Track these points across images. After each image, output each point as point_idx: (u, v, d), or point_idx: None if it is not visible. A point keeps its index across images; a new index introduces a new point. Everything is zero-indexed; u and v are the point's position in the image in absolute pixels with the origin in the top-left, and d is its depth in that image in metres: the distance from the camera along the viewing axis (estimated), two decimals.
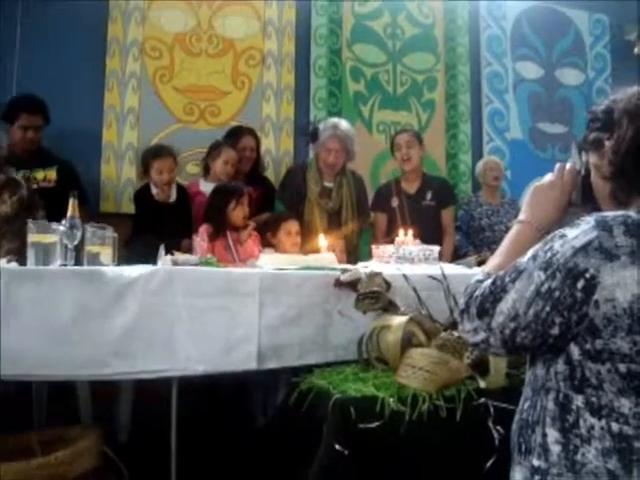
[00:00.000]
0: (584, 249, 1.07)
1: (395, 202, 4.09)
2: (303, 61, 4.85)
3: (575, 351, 1.10)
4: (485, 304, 1.17)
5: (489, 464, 1.86)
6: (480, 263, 3.03)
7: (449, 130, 5.29)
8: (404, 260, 2.87)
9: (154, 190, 3.76)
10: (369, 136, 4.93)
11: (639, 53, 5.81)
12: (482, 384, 2.05)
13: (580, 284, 1.06)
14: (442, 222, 4.23)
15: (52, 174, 3.68)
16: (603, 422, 1.07)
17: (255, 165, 4.20)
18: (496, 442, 1.90)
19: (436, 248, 3.00)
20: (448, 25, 5.36)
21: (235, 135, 4.15)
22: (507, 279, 1.16)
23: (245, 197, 3.46)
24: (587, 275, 1.06)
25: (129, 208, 4.08)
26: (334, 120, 4.02)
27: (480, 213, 4.67)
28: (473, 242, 4.60)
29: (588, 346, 1.08)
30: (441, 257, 3.44)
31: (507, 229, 4.28)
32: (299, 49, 4.85)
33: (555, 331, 1.10)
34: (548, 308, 1.09)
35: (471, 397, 2.00)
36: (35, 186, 3.52)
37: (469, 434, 1.94)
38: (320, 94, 4.86)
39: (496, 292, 1.16)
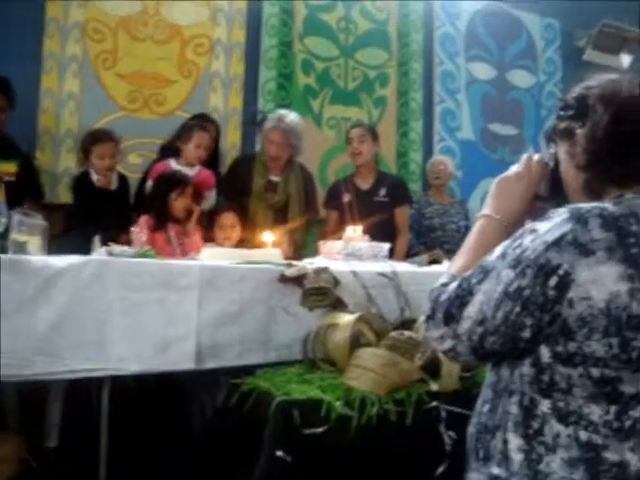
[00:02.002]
0: (557, 243, 0.99)
1: (346, 198, 4.00)
2: (253, 51, 4.71)
3: (545, 353, 1.02)
4: (451, 309, 1.09)
5: (440, 471, 1.82)
6: (432, 262, 2.97)
7: (400, 128, 5.22)
8: (353, 257, 2.78)
9: (94, 177, 3.59)
10: (319, 131, 4.83)
11: (588, 59, 5.87)
12: (434, 387, 1.99)
13: (553, 281, 0.98)
14: (396, 221, 4.17)
15: (12, 168, 3.39)
16: (570, 429, 1.00)
17: (211, 158, 4.00)
18: (448, 447, 1.85)
19: (386, 245, 2.93)
20: (402, 21, 5.29)
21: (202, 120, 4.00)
22: (473, 280, 1.08)
23: (189, 188, 3.32)
24: (560, 271, 0.98)
25: (67, 199, 3.87)
26: (281, 112, 3.93)
27: (431, 212, 4.66)
28: (424, 241, 4.58)
29: (560, 348, 1.00)
30: (394, 256, 3.37)
31: (458, 229, 4.33)
32: (249, 39, 4.70)
33: (526, 333, 1.02)
34: (518, 309, 1.01)
35: (422, 400, 1.95)
36: None
37: (420, 439, 1.88)
38: (270, 86, 4.73)
39: (462, 295, 1.08)
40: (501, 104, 5.70)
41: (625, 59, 6.00)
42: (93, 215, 3.42)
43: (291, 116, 3.86)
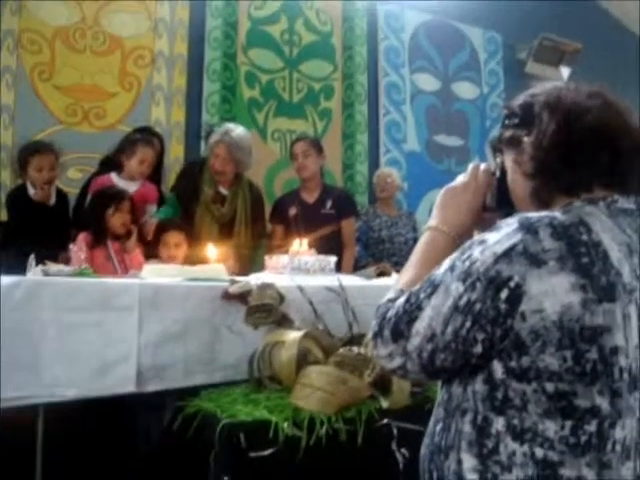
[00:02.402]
0: (507, 255, 0.96)
1: (293, 211, 3.94)
2: (196, 64, 4.64)
3: (498, 369, 0.99)
4: (399, 325, 1.04)
5: None
6: (380, 274, 2.94)
7: (346, 140, 5.21)
8: (299, 271, 2.72)
9: (31, 191, 3.45)
10: (263, 144, 4.77)
11: (529, 72, 5.98)
12: (384, 404, 1.96)
13: (504, 294, 0.95)
14: (342, 233, 4.13)
15: None
16: (526, 447, 0.97)
17: (154, 172, 3.89)
18: (400, 466, 1.83)
19: (333, 258, 2.88)
20: (346, 34, 5.30)
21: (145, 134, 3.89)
22: (422, 295, 1.03)
23: (125, 203, 3.22)
24: (511, 284, 0.94)
25: (2, 216, 3.72)
26: (228, 126, 3.86)
27: (379, 224, 4.65)
28: (373, 253, 4.58)
29: (513, 364, 0.97)
30: (341, 269, 3.33)
31: (406, 241, 4.33)
32: (192, 51, 4.63)
33: (478, 349, 0.98)
34: (468, 324, 0.97)
35: (373, 418, 1.90)
36: None
37: (372, 458, 1.85)
38: (213, 99, 4.66)
39: (410, 311, 1.04)
40: (446, 115, 5.74)
41: (564, 71, 6.15)
42: (30, 231, 3.28)
43: (237, 130, 3.78)
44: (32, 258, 2.37)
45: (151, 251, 3.34)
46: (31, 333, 1.95)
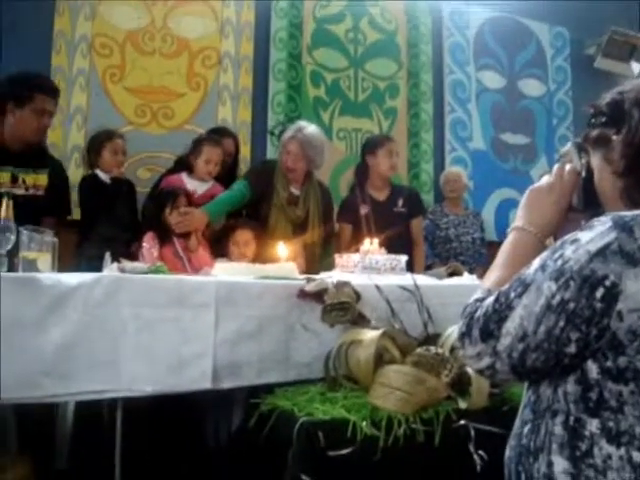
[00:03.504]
0: (602, 253, 0.94)
1: (364, 209, 3.92)
2: (261, 64, 4.67)
3: (593, 369, 0.97)
4: (489, 325, 1.03)
5: None
6: (451, 274, 2.90)
7: (411, 139, 5.17)
8: (370, 270, 2.70)
9: (103, 176, 3.55)
10: (329, 143, 4.73)
11: (598, 67, 5.82)
12: (462, 405, 1.93)
13: (599, 293, 0.93)
14: (412, 232, 4.11)
15: (43, 179, 3.18)
16: (622, 450, 0.94)
17: (228, 174, 3.92)
18: (478, 468, 1.79)
19: (403, 257, 2.85)
20: (411, 32, 5.26)
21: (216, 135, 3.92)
22: (512, 294, 1.02)
23: (181, 200, 3.26)
24: (607, 283, 0.93)
25: (75, 214, 3.80)
26: (301, 123, 3.85)
27: (447, 223, 4.62)
28: (439, 253, 4.56)
29: (609, 364, 0.95)
30: (413, 268, 3.29)
31: (473, 240, 4.29)
32: (258, 51, 4.66)
33: (571, 349, 0.96)
34: (562, 323, 0.96)
35: (450, 419, 1.88)
36: (22, 191, 3.07)
37: (449, 459, 1.83)
38: (279, 98, 4.68)
39: (500, 310, 1.02)
40: (512, 113, 5.64)
41: (636, 67, 5.96)
42: (105, 211, 3.40)
43: (310, 128, 3.77)
44: (108, 255, 2.41)
45: (220, 249, 3.38)
46: (111, 329, 1.98)
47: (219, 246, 3.39)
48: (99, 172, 3.58)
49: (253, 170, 3.95)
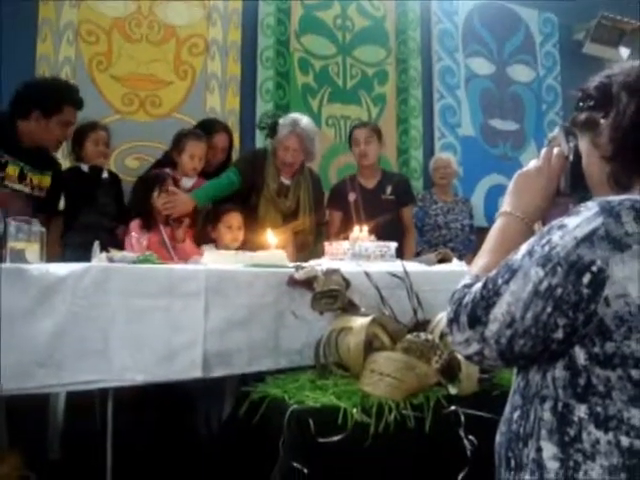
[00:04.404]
0: (588, 239, 0.94)
1: (352, 197, 3.92)
2: (249, 51, 4.64)
3: (581, 355, 0.96)
4: (476, 311, 1.03)
5: (461, 477, 1.77)
6: (441, 261, 2.91)
7: (400, 125, 5.16)
8: (359, 257, 2.71)
9: (84, 167, 3.52)
10: (318, 130, 4.71)
11: (587, 53, 5.82)
12: (452, 390, 1.94)
13: (586, 279, 0.93)
14: (402, 220, 4.12)
15: (47, 181, 3.18)
16: (610, 435, 0.94)
17: (221, 169, 3.85)
18: (468, 453, 1.80)
19: (393, 244, 2.86)
20: (399, 18, 5.23)
21: (206, 130, 3.82)
22: (500, 280, 1.02)
23: (168, 181, 3.25)
24: (594, 268, 0.93)
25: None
26: (294, 116, 3.80)
27: (436, 210, 4.62)
28: (428, 240, 4.55)
29: (597, 349, 0.95)
30: (403, 255, 3.30)
31: (462, 227, 4.28)
32: (245, 39, 4.63)
33: (559, 335, 0.96)
34: (549, 309, 0.95)
35: (441, 405, 1.89)
36: (28, 190, 3.06)
37: (440, 445, 1.83)
38: (267, 86, 4.66)
39: (488, 296, 1.02)
40: (501, 99, 5.64)
41: (624, 51, 5.96)
42: (88, 201, 3.40)
43: (304, 120, 3.75)
44: (97, 244, 2.40)
45: (205, 236, 3.38)
46: (100, 319, 1.98)
47: (204, 232, 3.38)
48: (82, 165, 3.55)
49: (243, 159, 3.92)
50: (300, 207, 3.73)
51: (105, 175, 3.57)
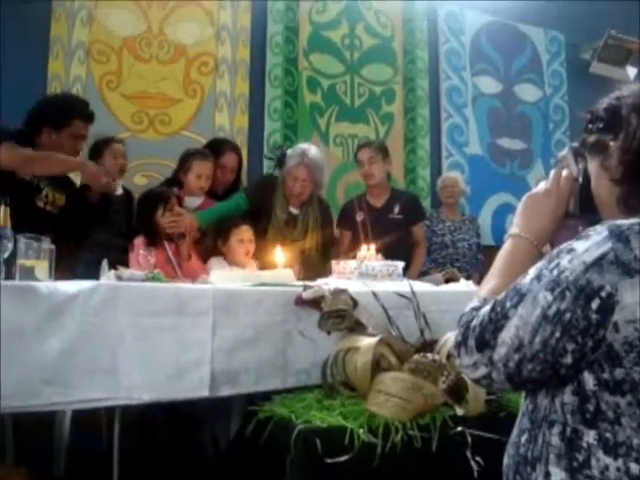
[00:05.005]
0: (597, 263, 0.93)
1: (360, 216, 3.92)
2: (258, 70, 4.68)
3: (589, 381, 0.95)
4: (485, 334, 1.02)
5: None
6: (447, 280, 2.90)
7: (407, 144, 5.18)
8: (367, 276, 2.71)
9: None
10: (326, 149, 4.75)
11: (594, 72, 5.82)
12: (459, 411, 1.93)
13: (595, 304, 0.92)
14: (414, 237, 4.10)
15: (61, 199, 3.16)
16: (620, 462, 0.92)
17: (231, 190, 3.86)
18: (475, 474, 1.78)
19: (400, 264, 2.85)
20: (407, 37, 5.27)
21: (215, 150, 3.80)
22: (508, 304, 1.01)
23: (173, 200, 3.23)
24: (603, 293, 0.92)
25: None
26: (303, 147, 3.78)
27: (443, 229, 4.61)
28: (435, 259, 4.54)
29: (606, 376, 0.94)
30: (409, 271, 3.28)
31: (469, 246, 4.26)
32: (254, 57, 4.67)
33: (567, 360, 0.95)
34: (558, 334, 0.94)
35: (447, 425, 1.88)
36: (41, 204, 3.05)
37: (446, 466, 1.83)
38: (275, 104, 4.69)
39: (496, 320, 1.01)
40: (508, 118, 5.66)
41: (631, 71, 5.96)
42: (100, 218, 3.34)
43: (313, 150, 3.73)
44: (105, 263, 2.41)
45: (214, 250, 3.36)
46: (109, 337, 1.98)
47: (214, 246, 3.37)
48: None
49: (252, 185, 3.92)
50: (308, 236, 3.70)
51: (120, 192, 3.57)
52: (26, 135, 3.01)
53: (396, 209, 4.02)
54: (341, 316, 2.10)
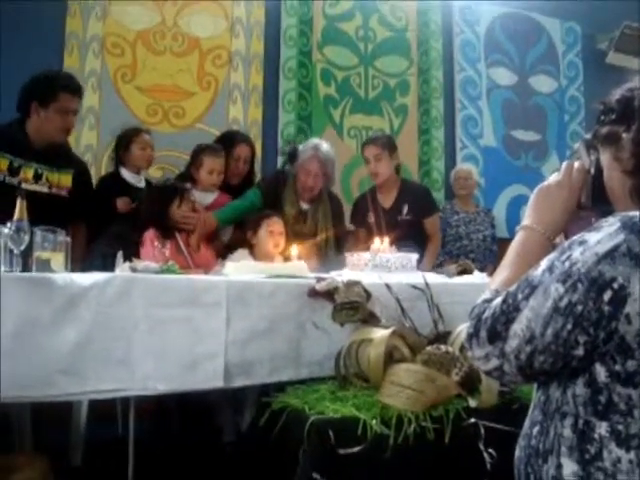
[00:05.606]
0: (610, 255, 0.93)
1: (371, 218, 3.88)
2: (272, 62, 4.68)
3: (601, 372, 0.96)
4: (496, 326, 1.02)
5: None
6: (461, 272, 2.89)
7: (422, 136, 5.16)
8: (380, 268, 2.70)
9: (127, 175, 3.56)
10: (340, 141, 4.76)
11: (610, 63, 5.77)
12: (472, 403, 1.92)
13: (607, 296, 0.92)
14: (427, 231, 4.01)
15: (67, 180, 3.14)
16: (632, 454, 0.93)
17: (245, 181, 3.87)
18: (488, 466, 1.79)
19: (414, 256, 2.85)
20: (421, 29, 5.24)
21: (228, 142, 3.81)
22: (520, 296, 1.01)
23: (190, 193, 3.23)
24: (615, 285, 0.92)
25: None
26: (315, 141, 3.79)
27: (457, 221, 4.60)
28: (450, 251, 4.53)
29: (618, 367, 0.94)
30: (422, 262, 3.27)
31: (484, 238, 4.22)
32: (268, 50, 4.67)
33: (579, 352, 0.95)
34: (569, 326, 0.94)
35: (460, 417, 1.88)
36: (46, 190, 3.06)
37: (459, 457, 1.82)
38: (289, 97, 4.69)
39: (508, 312, 1.01)
40: (523, 110, 5.61)
41: None
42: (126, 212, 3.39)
43: (325, 145, 3.73)
44: (120, 255, 2.42)
45: (240, 242, 3.36)
46: (124, 328, 2.00)
47: (241, 238, 3.36)
48: (123, 170, 3.57)
49: (266, 180, 3.90)
50: (318, 231, 3.68)
51: (142, 184, 3.60)
52: (20, 121, 3.02)
53: (404, 210, 3.92)
54: (354, 308, 2.11)
